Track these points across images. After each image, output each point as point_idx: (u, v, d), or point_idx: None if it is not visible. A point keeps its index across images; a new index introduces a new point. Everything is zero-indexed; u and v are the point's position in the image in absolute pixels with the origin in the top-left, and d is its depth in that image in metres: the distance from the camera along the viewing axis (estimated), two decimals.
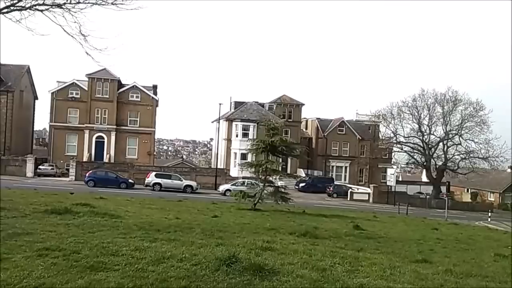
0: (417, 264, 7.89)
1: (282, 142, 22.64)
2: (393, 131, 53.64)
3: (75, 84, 48.86)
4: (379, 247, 10.21)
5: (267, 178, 23.00)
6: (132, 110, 50.15)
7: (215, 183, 43.36)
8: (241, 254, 6.69)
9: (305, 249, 8.31)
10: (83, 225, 9.22)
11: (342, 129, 60.23)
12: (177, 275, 5.45)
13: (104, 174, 38.08)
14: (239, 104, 55.61)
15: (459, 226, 23.38)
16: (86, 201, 15.32)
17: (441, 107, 52.11)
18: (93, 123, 48.39)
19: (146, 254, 6.57)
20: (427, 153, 52.37)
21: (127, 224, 10.22)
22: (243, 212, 19.16)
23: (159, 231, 9.29)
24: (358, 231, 13.89)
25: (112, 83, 48.93)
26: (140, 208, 16.50)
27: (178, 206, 19.84)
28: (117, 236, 8.16)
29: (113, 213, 12.30)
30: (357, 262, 7.42)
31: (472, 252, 11.35)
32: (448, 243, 13.05)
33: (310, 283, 5.51)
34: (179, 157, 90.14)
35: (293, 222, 15.60)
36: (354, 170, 59.97)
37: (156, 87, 53.06)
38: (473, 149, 51.28)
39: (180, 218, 13.45)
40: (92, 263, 5.72)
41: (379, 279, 6.18)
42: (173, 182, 37.79)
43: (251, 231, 11.00)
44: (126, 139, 49.79)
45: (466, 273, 7.28)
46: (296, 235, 10.60)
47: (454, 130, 51.92)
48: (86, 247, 6.79)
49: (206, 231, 10.07)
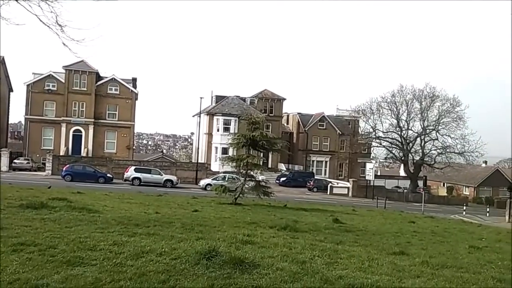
0: (394, 256, 8.03)
1: (263, 137, 22.63)
2: (372, 126, 54.46)
3: (51, 76, 47.71)
4: (358, 240, 10.35)
5: (248, 172, 22.99)
6: (110, 103, 49.31)
7: (195, 177, 43.16)
8: (221, 248, 6.67)
9: (285, 243, 8.35)
10: (59, 220, 9.03)
11: (322, 124, 60.70)
12: (156, 269, 5.40)
13: (81, 168, 37.42)
14: (220, 98, 55.37)
15: (435, 219, 23.91)
16: (63, 196, 15.02)
17: (419, 103, 53.13)
18: (70, 116, 47.39)
19: (125, 248, 6.48)
20: (405, 148, 53.36)
21: (105, 218, 10.06)
22: (224, 206, 19.12)
23: (138, 226, 9.18)
24: (337, 224, 14.04)
25: (90, 75, 47.96)
26: (118, 203, 16.26)
27: (158, 200, 19.65)
28: (94, 230, 8.02)
29: (91, 208, 12.09)
30: (336, 255, 7.50)
31: (448, 244, 11.62)
32: (425, 236, 13.32)
33: (289, 276, 5.54)
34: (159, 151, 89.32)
35: (274, 216, 15.65)
36: (334, 164, 60.63)
37: (135, 80, 52.27)
38: (449, 144, 52.61)
39: (159, 212, 13.32)
40: (69, 258, 5.60)
41: (358, 271, 6.26)
42: (153, 177, 37.45)
43: (231, 225, 10.98)
44: (105, 133, 49.00)
45: (441, 265, 7.45)
46: (277, 229, 10.64)
47: (431, 125, 53.04)
48: (62, 242, 6.66)
49: (186, 225, 10.00)
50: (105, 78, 49.71)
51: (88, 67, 46.79)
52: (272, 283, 5.16)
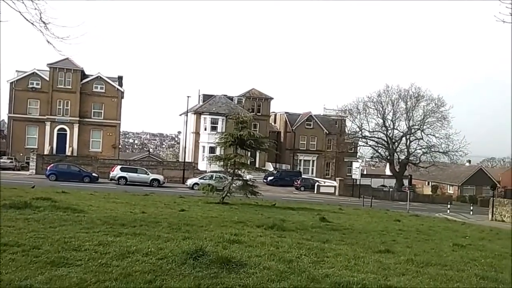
0: (380, 254, 8.11)
1: (251, 136, 22.61)
2: (358, 125, 55.00)
3: (35, 74, 46.92)
4: (344, 238, 10.42)
5: (235, 171, 22.97)
6: (96, 102, 48.72)
7: (182, 177, 42.94)
8: (208, 247, 6.64)
9: (272, 241, 8.36)
10: (43, 220, 8.89)
11: (310, 123, 60.96)
12: (142, 269, 5.35)
13: (66, 167, 36.91)
14: (208, 97, 55.17)
15: (420, 217, 24.24)
16: (47, 195, 14.79)
17: (404, 102, 53.81)
18: (54, 115, 46.68)
19: (110, 248, 6.41)
20: (390, 147, 53.98)
21: (91, 218, 9.94)
22: (211, 205, 19.07)
23: (124, 226, 9.09)
24: (324, 223, 14.13)
25: (75, 73, 47.31)
26: (104, 202, 16.09)
27: (144, 200, 19.50)
28: (79, 231, 7.92)
29: (76, 208, 11.94)
30: (323, 253, 7.55)
31: (432, 242, 11.79)
32: (410, 234, 13.48)
33: (276, 275, 5.55)
34: (146, 151, 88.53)
35: (261, 215, 15.67)
36: (321, 163, 60.95)
37: (121, 78, 51.71)
38: (434, 143, 53.44)
39: (146, 212, 13.22)
40: (53, 259, 5.53)
41: (344, 269, 6.31)
42: (139, 176, 37.13)
43: (218, 225, 10.95)
44: (90, 132, 48.40)
45: (426, 262, 7.55)
46: (264, 228, 10.65)
47: (416, 125, 53.77)
48: (46, 242, 6.55)
49: (173, 225, 9.94)
50: (90, 76, 49.07)
51: (73, 65, 46.14)
52: (259, 282, 5.16)
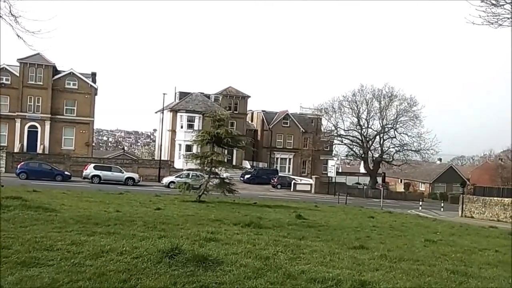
0: (354, 250, 8.26)
1: (227, 134, 22.57)
2: (334, 124, 55.80)
3: (5, 69, 45.31)
4: (320, 235, 10.56)
5: (212, 169, 22.88)
6: (68, 98, 47.51)
7: (158, 175, 42.48)
8: (185, 246, 6.60)
9: (249, 239, 8.38)
10: (14, 219, 8.61)
11: (286, 121, 61.35)
12: (116, 268, 5.27)
13: (37, 166, 35.91)
14: (184, 95, 54.70)
15: (393, 214, 24.77)
16: (17, 194, 14.32)
17: (378, 102, 54.87)
18: (25, 112, 45.28)
19: (83, 248, 6.28)
20: (365, 145, 54.97)
21: (63, 217, 9.70)
22: (187, 204, 18.94)
23: (97, 225, 8.92)
24: (300, 220, 14.26)
25: (47, 69, 46.00)
26: (77, 201, 15.73)
27: (118, 199, 19.18)
28: (51, 230, 7.72)
29: (48, 207, 11.61)
30: (299, 250, 7.62)
31: (405, 238, 12.08)
32: (383, 230, 13.78)
33: (253, 272, 5.57)
34: (120, 149, 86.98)
35: (238, 213, 15.68)
36: (297, 162, 61.45)
37: (95, 74, 50.56)
38: (406, 142, 54.81)
39: (120, 211, 13.00)
40: (24, 259, 5.37)
41: (320, 265, 6.39)
42: (114, 174, 36.52)
43: (195, 223, 10.90)
44: (62, 129, 47.19)
45: (399, 258, 7.73)
46: (241, 226, 10.66)
47: (389, 124, 54.93)
48: (17, 242, 6.36)
49: (148, 223, 9.83)
50: (62, 72, 47.81)
51: (44, 60, 44.86)
52: (235, 280, 5.17)
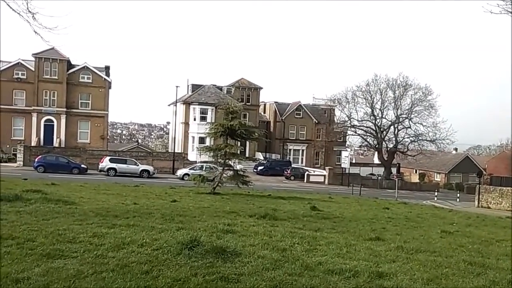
0: (370, 242, 8.28)
1: (241, 126, 22.64)
2: (347, 115, 55.32)
3: (20, 64, 46.01)
4: (335, 226, 10.59)
5: (226, 161, 23.00)
6: (83, 92, 48.07)
7: (172, 167, 42.84)
8: (203, 238, 6.71)
9: (265, 231, 8.47)
10: (36, 212, 8.86)
11: (299, 113, 61.10)
12: (138, 260, 5.40)
13: (54, 159, 36.54)
14: (197, 87, 54.83)
15: (409, 205, 24.63)
16: (37, 188, 14.68)
17: (392, 91, 54.18)
18: (41, 106, 45.97)
19: (105, 240, 6.45)
20: (379, 136, 54.47)
21: (83, 210, 9.94)
22: (202, 196, 19.12)
23: (117, 217, 9.11)
24: (315, 212, 14.30)
25: (61, 63, 46.54)
26: (95, 194, 16.04)
27: (135, 191, 19.47)
28: (72, 223, 7.92)
29: (67, 200, 11.89)
30: (315, 242, 7.69)
31: (421, 229, 12.03)
32: (399, 222, 13.73)
33: (271, 263, 5.65)
34: (134, 141, 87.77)
35: (253, 205, 15.79)
36: (310, 153, 61.28)
37: (108, 68, 50.99)
38: (421, 132, 54.08)
39: (138, 203, 13.22)
40: (49, 251, 5.54)
41: (336, 257, 6.44)
42: (129, 167, 36.97)
43: (211, 215, 11.04)
44: (77, 123, 47.84)
45: (415, 249, 7.74)
46: (256, 217, 10.76)
47: (404, 114, 54.26)
48: (41, 234, 6.55)
49: (165, 215, 9.99)
50: (77, 66, 48.32)
51: (59, 54, 45.32)
52: (254, 271, 5.26)
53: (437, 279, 5.59)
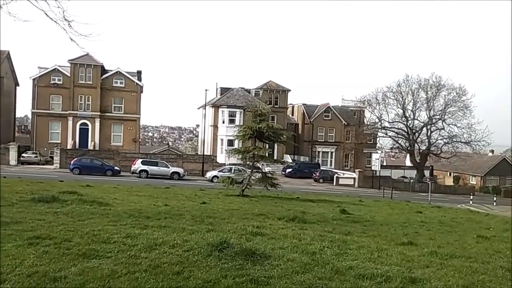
0: (403, 247, 8.10)
1: (269, 128, 22.68)
2: (378, 116, 54.26)
3: (57, 70, 47.85)
4: (366, 230, 10.42)
5: (254, 164, 23.09)
6: (116, 97, 49.45)
7: (202, 169, 43.33)
8: (232, 240, 6.76)
9: (294, 234, 8.44)
10: (72, 213, 9.17)
11: (328, 114, 60.54)
12: (170, 261, 5.51)
13: (89, 161, 37.70)
14: (225, 90, 55.31)
15: (442, 209, 23.93)
16: (73, 189, 15.19)
17: (425, 92, 52.74)
18: (76, 110, 47.62)
19: (138, 241, 6.60)
20: (411, 138, 53.15)
21: (116, 211, 10.20)
22: (231, 198, 19.26)
23: (149, 218, 9.31)
24: (345, 215, 14.13)
25: (95, 68, 48.07)
26: (128, 195, 16.44)
27: (166, 193, 19.83)
28: (107, 223, 8.15)
29: (101, 201, 12.25)
30: (345, 246, 7.59)
31: (455, 234, 11.67)
32: (432, 226, 13.37)
33: (301, 267, 5.63)
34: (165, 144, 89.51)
35: (281, 208, 15.76)
36: (339, 155, 60.56)
37: (140, 72, 52.32)
38: (455, 133, 52.31)
39: (169, 205, 13.46)
40: (84, 251, 5.73)
41: (367, 262, 6.34)
42: (160, 169, 37.64)
43: (240, 217, 11.10)
44: (111, 126, 49.23)
45: (450, 255, 7.51)
46: (285, 220, 10.74)
47: (437, 115, 52.72)
48: (76, 235, 6.79)
49: (196, 217, 10.13)
50: (110, 71, 49.79)
51: (93, 60, 46.87)
52: (284, 274, 5.25)
53: (472, 286, 5.42)
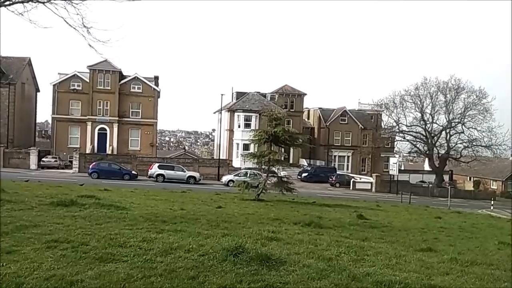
0: (422, 253, 7.94)
1: (284, 133, 22.61)
2: (395, 120, 53.65)
3: (76, 76, 48.79)
4: (384, 236, 10.26)
5: (270, 168, 23.02)
6: (134, 102, 50.14)
7: (217, 174, 43.45)
8: (248, 245, 6.72)
9: (310, 239, 8.35)
10: (89, 217, 9.28)
11: (344, 118, 60.10)
12: (185, 265, 5.50)
13: (107, 165, 38.20)
14: (241, 95, 55.47)
15: (462, 214, 23.44)
16: (91, 193, 15.38)
17: (443, 95, 51.96)
18: (95, 115, 48.43)
19: (154, 245, 6.62)
20: (429, 141, 52.32)
21: (133, 215, 10.28)
22: (246, 202, 19.23)
23: (165, 222, 9.35)
24: (362, 220, 13.95)
25: (114, 74, 48.85)
26: (144, 200, 16.57)
27: (182, 197, 19.93)
28: (123, 227, 8.21)
29: (118, 205, 12.34)
30: (363, 251, 7.47)
31: (476, 240, 11.40)
32: (452, 232, 13.09)
33: (317, 273, 5.55)
34: (181, 148, 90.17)
35: (297, 212, 15.66)
36: (356, 159, 59.98)
37: (157, 78, 52.98)
38: (476, 137, 51.31)
39: (185, 209, 13.50)
40: (101, 255, 5.77)
41: (385, 268, 6.22)
42: (176, 173, 37.90)
43: (256, 222, 11.06)
44: (129, 131, 49.89)
45: (471, 262, 7.32)
46: (301, 225, 10.66)
47: (456, 118, 51.82)
48: (94, 238, 6.85)
49: (211, 221, 10.13)
50: (128, 77, 50.51)
51: (111, 66, 47.63)
52: (299, 280, 5.19)
53: None
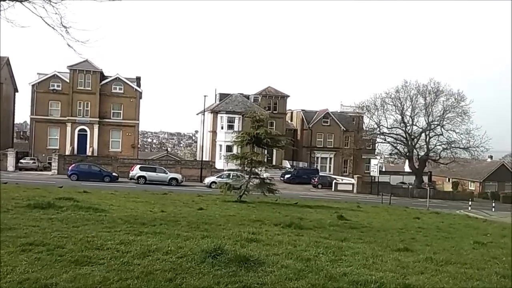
0: (398, 253, 8.07)
1: (267, 134, 22.70)
2: (376, 122, 54.39)
3: (56, 76, 47.93)
4: (362, 236, 10.39)
5: (252, 170, 23.07)
6: (115, 103, 49.52)
7: (200, 175, 43.27)
8: (227, 246, 6.71)
9: (290, 240, 8.40)
10: (67, 220, 9.13)
11: (326, 120, 60.63)
12: (162, 268, 5.47)
13: (87, 167, 37.61)
14: (224, 96, 55.40)
15: (440, 215, 23.89)
16: (69, 195, 15.15)
17: (423, 98, 52.94)
18: (75, 116, 47.65)
19: (132, 247, 6.56)
20: (409, 143, 53.21)
21: (112, 217, 10.16)
22: (228, 204, 19.22)
23: (144, 225, 9.27)
24: (342, 221, 14.10)
25: (94, 75, 48.17)
26: (124, 202, 16.40)
27: (163, 199, 19.78)
28: (101, 230, 8.11)
29: (97, 207, 12.20)
30: (341, 252, 7.55)
31: (452, 240, 11.64)
32: (429, 232, 13.34)
33: (294, 273, 5.59)
34: (164, 150, 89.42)
35: (278, 213, 15.73)
36: (338, 161, 60.56)
37: (139, 78, 52.41)
38: (454, 139, 52.45)
39: (165, 211, 13.43)
40: (77, 258, 5.69)
41: (362, 268, 6.30)
42: (158, 175, 37.58)
43: (236, 223, 11.06)
44: (110, 132, 49.24)
45: (445, 261, 7.48)
46: (281, 226, 10.71)
47: (436, 120, 52.85)
48: (70, 241, 6.75)
49: (191, 223, 10.09)
50: (109, 77, 49.88)
51: (92, 66, 46.98)
52: (277, 281, 5.22)
53: None
